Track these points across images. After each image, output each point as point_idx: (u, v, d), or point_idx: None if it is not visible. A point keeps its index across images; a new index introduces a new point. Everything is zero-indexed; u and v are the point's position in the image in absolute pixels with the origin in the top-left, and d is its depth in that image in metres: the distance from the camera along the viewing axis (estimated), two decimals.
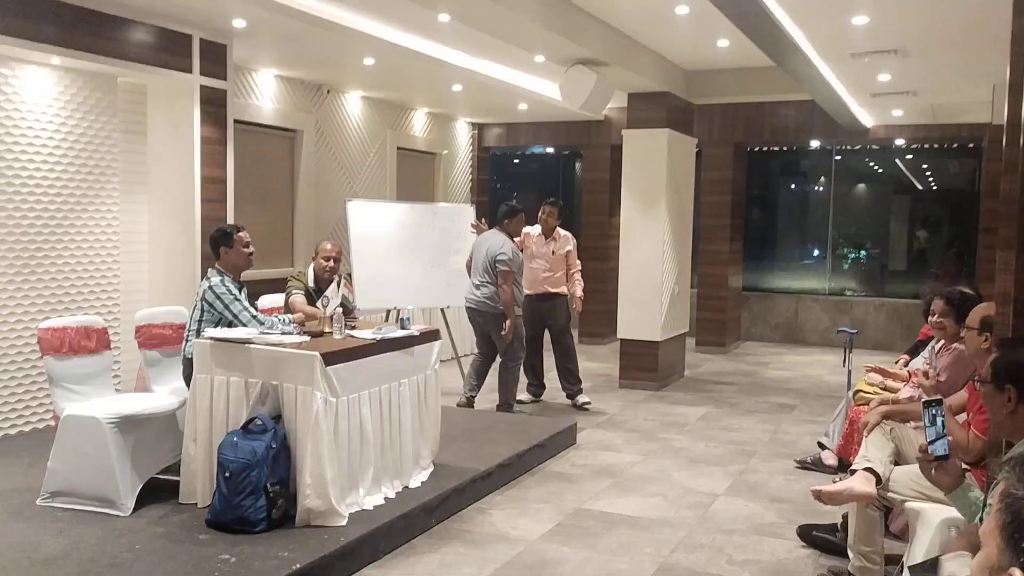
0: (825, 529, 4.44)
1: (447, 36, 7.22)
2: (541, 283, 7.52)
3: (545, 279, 7.52)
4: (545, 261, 7.50)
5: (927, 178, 12.65)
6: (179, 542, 3.92)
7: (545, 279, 7.52)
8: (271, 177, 8.70)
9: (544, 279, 7.52)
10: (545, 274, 7.51)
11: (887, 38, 6.08)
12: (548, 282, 7.51)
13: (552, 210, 7.51)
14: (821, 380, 9.30)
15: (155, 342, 5.00)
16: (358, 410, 4.38)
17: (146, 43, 6.12)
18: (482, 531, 4.57)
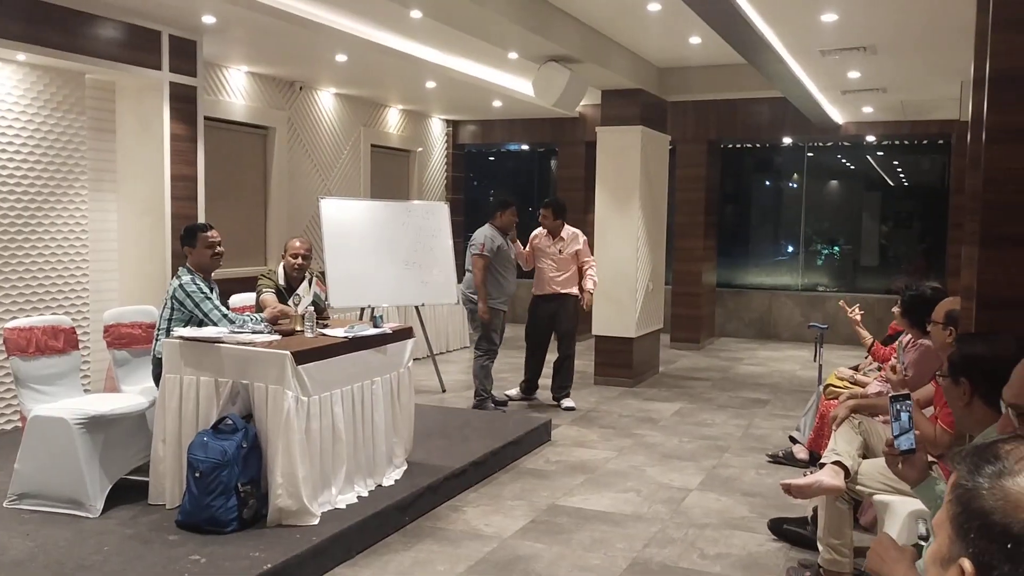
0: (795, 523, 4.48)
1: (420, 32, 7.21)
2: (548, 283, 7.41)
3: (552, 279, 7.39)
4: (552, 261, 7.38)
5: (898, 174, 12.78)
6: (148, 543, 3.89)
7: (552, 279, 7.39)
8: (243, 175, 8.64)
9: (551, 279, 7.40)
10: (552, 274, 7.39)
11: (856, 35, 6.14)
12: (555, 282, 7.38)
13: (545, 212, 7.40)
14: (793, 375, 9.38)
15: (124, 341, 4.95)
16: (330, 409, 4.36)
17: (114, 39, 6.05)
18: (455, 528, 4.57)
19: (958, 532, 0.89)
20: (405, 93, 10.10)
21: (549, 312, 7.46)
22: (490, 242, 7.00)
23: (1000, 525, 0.84)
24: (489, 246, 6.99)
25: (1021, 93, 2.41)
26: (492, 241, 7.02)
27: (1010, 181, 2.44)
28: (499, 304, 7.12)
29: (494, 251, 7.01)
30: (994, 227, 2.48)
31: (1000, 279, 2.50)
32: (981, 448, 0.92)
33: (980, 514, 0.86)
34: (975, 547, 0.86)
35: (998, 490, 0.86)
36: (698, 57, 8.20)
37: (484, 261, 6.96)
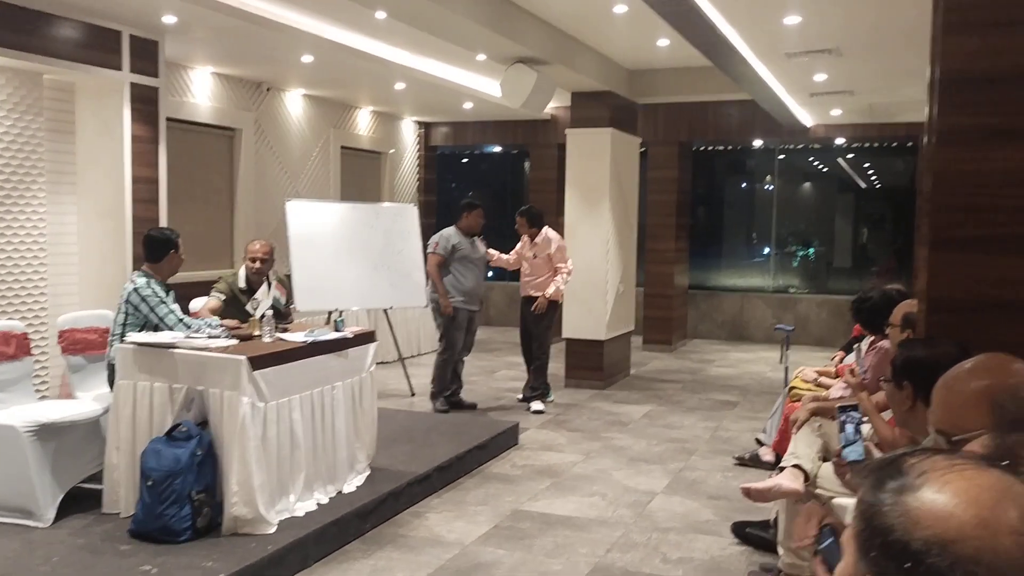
0: (758, 526, 4.47)
1: (386, 33, 7.15)
2: (523, 286, 7.60)
3: (526, 282, 7.56)
4: (527, 264, 7.54)
5: (870, 176, 12.86)
6: (99, 553, 3.81)
7: (526, 282, 7.56)
8: (209, 177, 8.53)
9: (525, 283, 7.57)
10: (526, 277, 7.56)
11: (820, 38, 6.15)
12: (529, 285, 7.52)
13: (520, 220, 7.55)
14: (764, 376, 9.40)
15: (79, 347, 4.85)
16: (288, 415, 4.29)
17: (73, 39, 5.95)
18: (417, 535, 4.52)
19: (861, 550, 0.85)
20: (375, 95, 10.03)
21: (523, 314, 7.63)
22: (445, 241, 7.17)
23: (900, 543, 0.81)
24: (443, 245, 7.16)
25: (969, 95, 2.40)
26: (447, 240, 7.17)
27: (958, 183, 2.42)
28: (456, 302, 7.15)
29: (448, 250, 7.15)
30: (943, 230, 2.47)
31: (950, 282, 2.48)
32: (885, 462, 0.89)
33: (881, 531, 0.83)
34: (876, 565, 0.83)
35: (900, 506, 0.83)
36: (667, 59, 8.20)
37: (436, 259, 7.15)
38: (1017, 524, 0.80)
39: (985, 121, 2.39)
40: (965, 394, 1.78)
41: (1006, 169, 2.37)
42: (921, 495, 0.82)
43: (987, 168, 2.39)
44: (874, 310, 4.53)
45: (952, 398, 1.80)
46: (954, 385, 1.82)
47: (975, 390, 1.77)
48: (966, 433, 1.69)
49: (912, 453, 0.89)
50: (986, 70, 2.37)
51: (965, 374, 1.82)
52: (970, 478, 0.83)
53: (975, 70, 2.39)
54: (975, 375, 1.81)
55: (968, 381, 1.80)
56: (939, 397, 1.83)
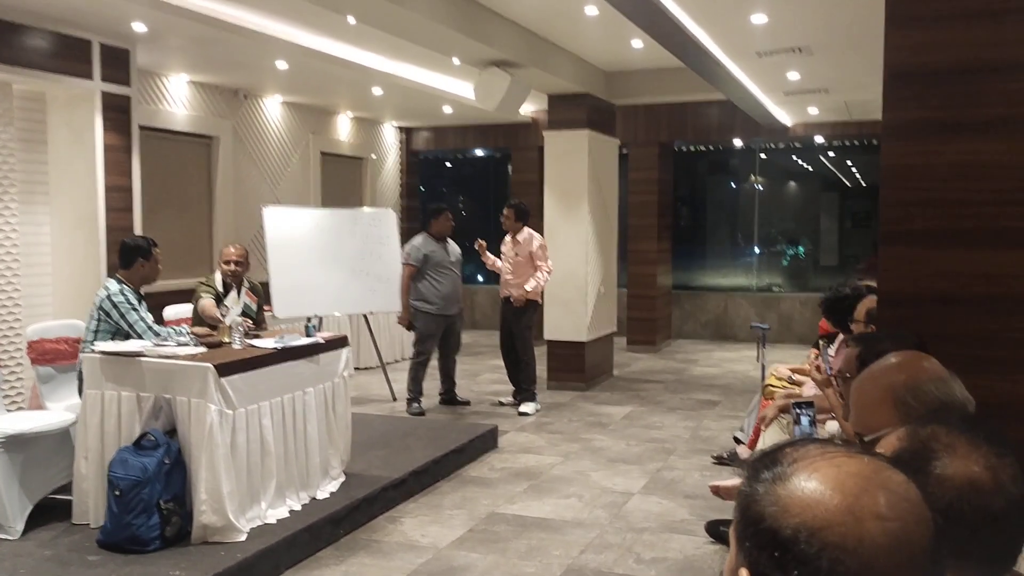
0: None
1: (359, 38, 7.13)
2: (503, 286, 7.54)
3: (507, 282, 7.49)
4: (508, 263, 7.49)
5: (852, 174, 12.90)
6: (67, 564, 3.78)
7: (507, 282, 7.49)
8: (187, 185, 8.50)
9: (506, 281, 7.50)
10: (507, 276, 7.49)
11: (788, 36, 6.16)
12: (509, 285, 7.47)
13: (507, 212, 7.50)
14: (747, 375, 9.40)
15: (48, 357, 4.83)
16: (258, 421, 4.28)
17: (42, 49, 5.92)
18: (391, 540, 4.50)
19: (738, 541, 0.85)
20: (353, 100, 10.02)
21: (505, 314, 7.58)
22: (416, 251, 7.26)
23: (770, 531, 0.80)
24: (415, 255, 7.25)
25: (913, 90, 2.41)
26: (418, 250, 7.26)
27: (906, 178, 2.43)
28: (433, 309, 7.24)
29: (420, 259, 7.24)
30: (893, 224, 2.48)
31: (901, 276, 2.49)
32: (764, 453, 0.89)
33: (753, 521, 0.83)
34: (750, 556, 0.82)
35: (771, 495, 0.82)
36: (643, 60, 8.21)
37: (408, 270, 7.28)
38: (883, 510, 0.79)
39: (930, 115, 2.41)
40: (871, 395, 1.79)
41: (952, 162, 2.38)
42: (791, 483, 0.82)
43: (933, 162, 2.40)
44: (847, 309, 4.55)
45: (860, 399, 1.81)
46: (861, 386, 1.84)
47: (879, 390, 1.78)
48: (876, 433, 1.70)
49: (791, 443, 0.89)
50: (928, 64, 2.38)
51: (870, 375, 1.84)
52: (839, 465, 0.83)
53: (918, 64, 2.40)
54: (879, 375, 1.82)
55: (874, 381, 1.81)
56: (853, 400, 1.84)
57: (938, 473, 1.24)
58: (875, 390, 1.82)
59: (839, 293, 4.65)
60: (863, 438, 1.74)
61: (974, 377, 1.93)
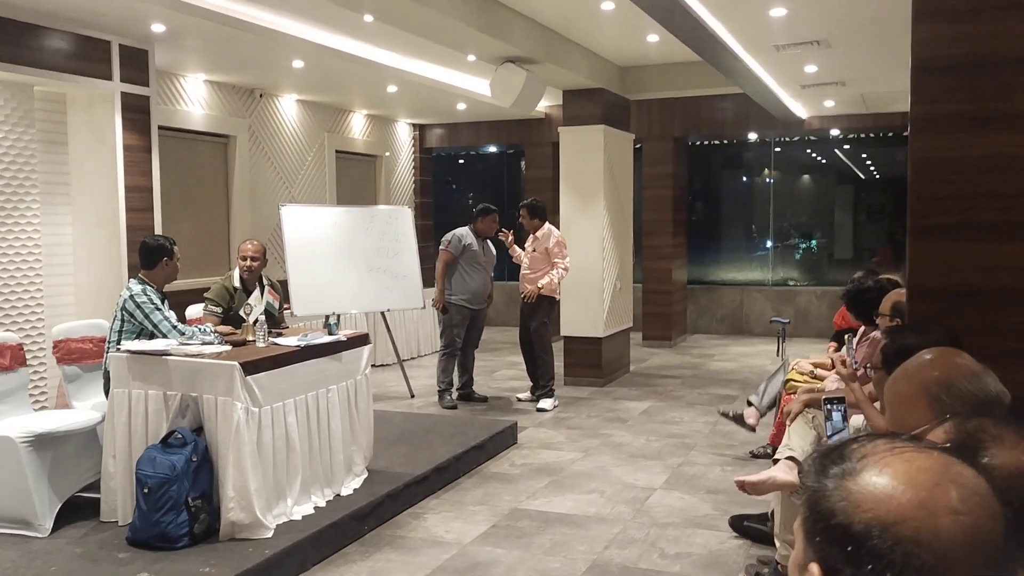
0: (756, 519, 4.47)
1: (376, 36, 7.16)
2: (521, 281, 7.65)
3: (524, 276, 7.60)
4: (526, 258, 7.61)
5: (868, 167, 12.84)
6: (97, 562, 3.82)
7: (524, 276, 7.60)
8: (204, 184, 8.55)
9: (523, 276, 7.61)
10: (524, 271, 7.61)
11: (807, 29, 6.14)
12: (527, 279, 7.56)
13: (522, 212, 7.63)
14: (764, 370, 9.36)
15: (74, 357, 4.87)
16: (283, 419, 4.30)
17: (62, 50, 5.96)
18: (415, 536, 4.53)
19: (807, 536, 0.86)
20: (368, 98, 10.05)
21: (523, 309, 7.64)
22: (457, 240, 7.40)
23: (841, 527, 0.81)
24: (455, 244, 7.39)
25: (943, 83, 2.41)
26: (460, 240, 7.39)
27: (936, 171, 2.43)
28: (460, 301, 7.37)
29: (459, 250, 7.38)
30: (922, 217, 2.47)
31: (930, 270, 2.49)
32: (829, 449, 0.90)
33: (824, 516, 0.83)
34: (821, 551, 0.83)
35: (841, 491, 0.83)
36: (658, 55, 8.20)
37: (446, 256, 7.39)
38: (956, 504, 0.80)
39: (961, 108, 2.40)
40: (905, 393, 1.80)
41: (983, 156, 2.38)
42: (861, 478, 0.83)
43: (964, 155, 2.40)
44: (871, 302, 4.54)
45: (895, 397, 1.82)
46: (894, 385, 1.84)
47: (913, 387, 1.79)
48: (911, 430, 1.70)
49: (857, 439, 0.90)
50: (958, 57, 2.38)
51: (904, 373, 1.84)
52: (909, 460, 0.84)
53: (948, 57, 2.39)
54: (913, 373, 1.83)
55: (908, 379, 1.82)
56: (887, 398, 1.85)
57: (986, 463, 1.25)
58: (909, 388, 1.83)
59: (861, 286, 4.65)
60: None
61: (1005, 370, 1.93)
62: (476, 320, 7.57)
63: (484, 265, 7.50)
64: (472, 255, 7.40)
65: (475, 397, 7.68)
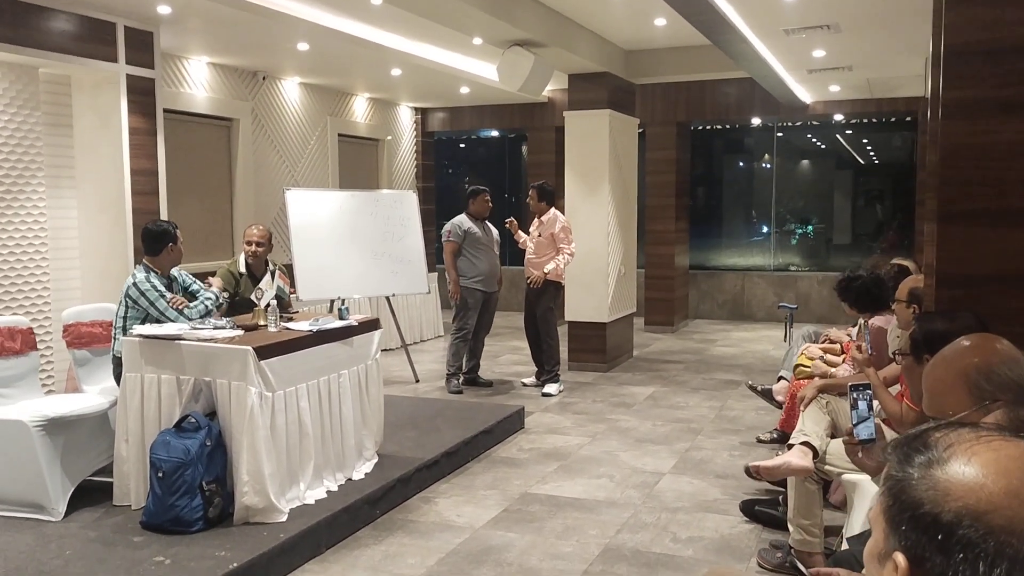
0: (767, 504, 4.49)
1: (382, 19, 7.11)
2: (527, 266, 7.62)
3: (529, 261, 7.58)
4: (531, 243, 7.59)
5: (868, 152, 12.83)
6: (111, 545, 3.82)
7: (529, 261, 7.58)
8: (207, 167, 8.51)
9: (528, 261, 7.59)
10: (529, 256, 7.59)
11: (819, 13, 6.12)
12: (532, 264, 7.54)
13: (532, 192, 7.60)
14: (767, 355, 9.41)
15: (84, 341, 4.85)
16: (295, 403, 4.30)
17: (68, 32, 5.91)
18: (427, 520, 4.53)
19: (891, 525, 0.86)
20: (371, 81, 9.99)
21: (527, 294, 7.64)
22: (457, 228, 7.43)
23: (930, 515, 0.81)
24: (456, 232, 7.42)
25: (974, 68, 2.39)
26: (459, 227, 7.43)
27: (965, 157, 2.42)
28: (472, 283, 7.42)
29: (461, 236, 7.41)
30: (951, 203, 2.46)
31: (958, 256, 2.48)
32: (911, 437, 0.89)
33: (911, 505, 0.83)
34: (907, 539, 0.83)
35: (928, 480, 0.83)
36: (664, 39, 8.16)
37: (451, 246, 7.44)
38: None
39: (991, 94, 2.39)
40: (943, 380, 1.80)
41: (1013, 141, 2.37)
42: (949, 467, 0.83)
43: (994, 141, 2.39)
44: (863, 290, 4.57)
45: (933, 385, 1.82)
46: (933, 371, 1.84)
47: (952, 373, 1.79)
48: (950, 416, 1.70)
49: (937, 427, 0.89)
50: (991, 42, 2.36)
51: (943, 359, 1.84)
52: (997, 449, 0.83)
53: (980, 42, 2.38)
54: (952, 359, 1.83)
55: (946, 365, 1.82)
56: (925, 384, 1.85)
57: None
58: (948, 374, 1.83)
59: (857, 276, 4.66)
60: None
61: None
62: (488, 304, 7.60)
63: (489, 246, 7.53)
64: (474, 239, 7.43)
65: (480, 382, 7.68)
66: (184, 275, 4.93)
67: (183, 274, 4.94)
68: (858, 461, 2.31)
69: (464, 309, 7.42)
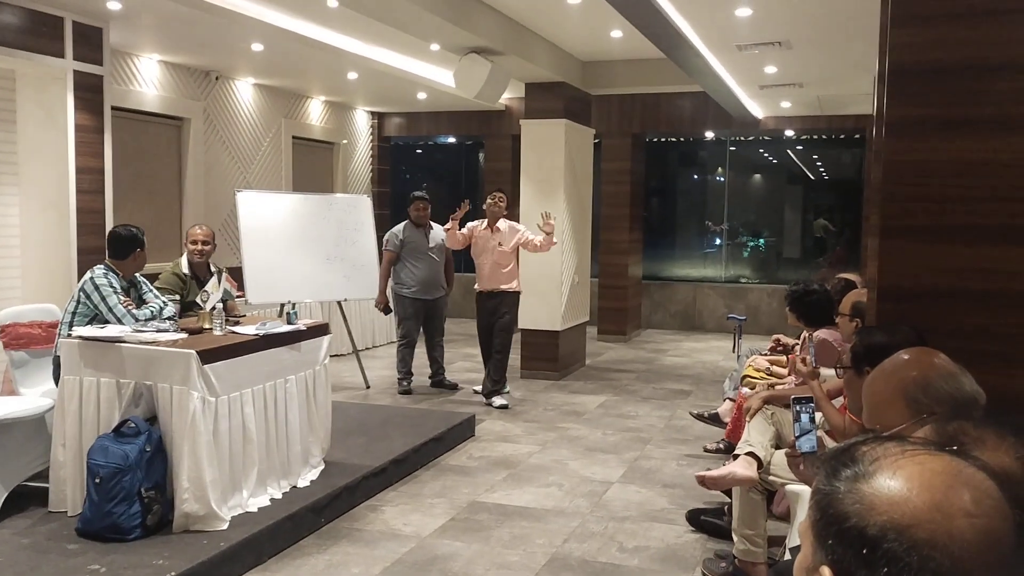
0: (712, 513, 4.52)
1: (339, 22, 7.05)
2: (488, 279, 7.21)
3: (492, 275, 7.18)
4: (493, 254, 7.15)
5: (818, 168, 13.07)
6: (45, 553, 3.71)
7: (492, 275, 7.18)
8: (157, 167, 8.36)
9: (491, 275, 7.18)
10: (494, 268, 7.17)
11: (771, 30, 6.21)
12: (499, 277, 7.17)
13: (500, 196, 7.22)
14: (716, 365, 9.50)
15: (22, 342, 4.72)
16: (240, 409, 4.22)
17: (13, 25, 5.77)
18: (373, 529, 4.48)
19: (818, 539, 0.86)
20: (327, 84, 9.91)
21: (489, 308, 7.29)
22: (394, 237, 7.54)
23: (856, 529, 0.81)
24: (392, 242, 7.53)
25: (917, 87, 2.44)
26: (396, 236, 7.53)
27: (907, 174, 2.46)
28: (409, 293, 7.51)
29: (397, 246, 7.50)
30: (893, 219, 2.51)
31: (899, 270, 2.52)
32: (839, 451, 0.89)
33: (837, 519, 0.83)
34: (833, 553, 0.83)
35: (854, 493, 0.83)
36: (620, 51, 8.22)
37: (387, 256, 7.55)
38: (970, 507, 0.80)
39: (934, 112, 2.43)
40: (882, 393, 1.82)
41: (954, 159, 2.41)
42: (875, 481, 0.83)
43: (936, 158, 2.43)
44: (816, 304, 4.63)
45: (872, 397, 1.85)
46: (872, 384, 1.87)
47: (891, 387, 1.81)
48: (890, 430, 1.73)
49: (865, 441, 0.89)
50: (934, 62, 2.41)
51: (882, 372, 1.87)
52: (922, 463, 0.84)
53: (923, 62, 2.42)
54: (891, 372, 1.86)
55: (885, 379, 1.85)
56: (865, 397, 1.87)
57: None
58: (887, 387, 1.85)
59: (807, 288, 4.73)
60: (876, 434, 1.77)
61: (971, 372, 1.96)
62: (433, 310, 7.60)
63: (431, 253, 7.49)
64: (413, 246, 7.45)
65: (446, 384, 7.81)
66: (145, 283, 4.83)
67: (145, 282, 4.85)
68: (799, 473, 2.33)
69: (404, 318, 7.54)
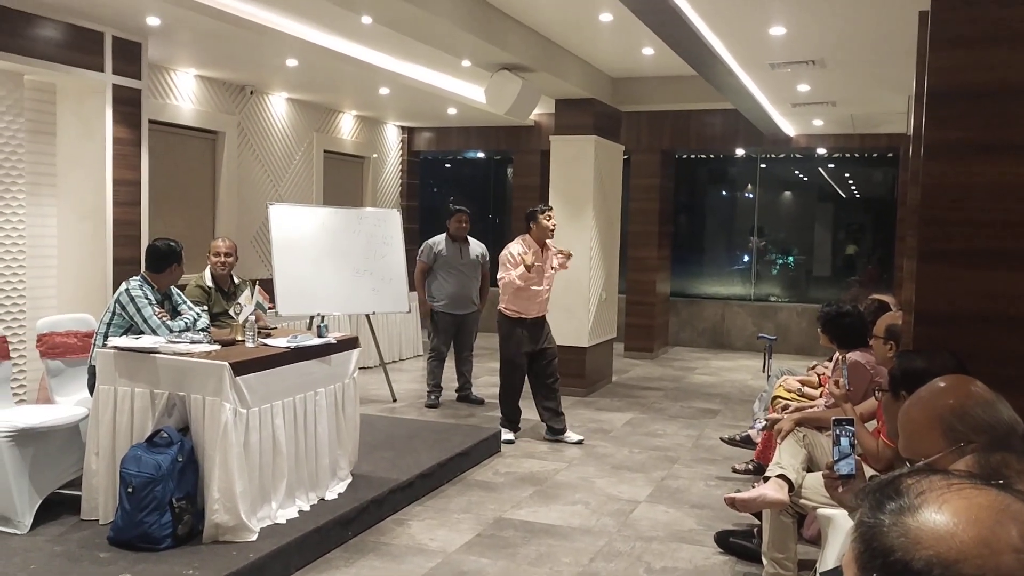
0: (741, 535, 4.47)
1: (371, 38, 7.13)
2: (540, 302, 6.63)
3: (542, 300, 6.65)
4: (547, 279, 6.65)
5: (850, 187, 12.96)
6: (77, 560, 3.75)
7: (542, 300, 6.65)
8: (191, 180, 8.47)
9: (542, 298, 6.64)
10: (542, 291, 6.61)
11: (805, 49, 6.20)
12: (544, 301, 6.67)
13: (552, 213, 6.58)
14: (745, 385, 9.43)
15: (58, 351, 4.80)
16: (270, 421, 4.26)
17: (55, 40, 5.88)
18: (399, 543, 4.49)
19: (862, 572, 0.85)
20: (359, 99, 10.00)
21: (534, 336, 6.66)
22: (428, 249, 7.58)
23: (901, 563, 0.80)
24: (426, 253, 7.59)
25: (957, 109, 2.42)
26: (430, 249, 7.57)
27: (946, 197, 2.44)
28: (440, 307, 7.55)
29: (431, 258, 7.55)
30: (931, 242, 2.48)
31: (937, 294, 2.50)
32: (884, 483, 0.89)
33: (882, 552, 0.82)
34: None
35: (900, 527, 0.82)
36: (651, 68, 8.23)
37: (420, 266, 7.62)
38: (1018, 542, 0.79)
39: (972, 135, 2.42)
40: (918, 421, 1.80)
41: (993, 183, 2.39)
42: (921, 515, 0.82)
43: (974, 182, 2.41)
44: (851, 327, 4.56)
45: (908, 426, 1.83)
46: (908, 412, 1.85)
47: (927, 415, 1.79)
48: (926, 458, 1.71)
49: (909, 474, 0.89)
50: (973, 85, 2.39)
51: (918, 400, 1.85)
52: (968, 497, 0.83)
53: (963, 84, 2.41)
54: (927, 400, 1.84)
55: (921, 407, 1.83)
56: (901, 425, 1.86)
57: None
58: (923, 416, 1.83)
59: (840, 309, 4.67)
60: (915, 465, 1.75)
61: (1008, 398, 1.94)
62: (464, 325, 7.64)
63: (463, 268, 7.52)
64: (446, 260, 7.49)
65: (472, 399, 7.84)
66: (179, 295, 4.92)
67: (179, 293, 4.93)
68: (837, 496, 2.31)
69: (435, 331, 7.58)
